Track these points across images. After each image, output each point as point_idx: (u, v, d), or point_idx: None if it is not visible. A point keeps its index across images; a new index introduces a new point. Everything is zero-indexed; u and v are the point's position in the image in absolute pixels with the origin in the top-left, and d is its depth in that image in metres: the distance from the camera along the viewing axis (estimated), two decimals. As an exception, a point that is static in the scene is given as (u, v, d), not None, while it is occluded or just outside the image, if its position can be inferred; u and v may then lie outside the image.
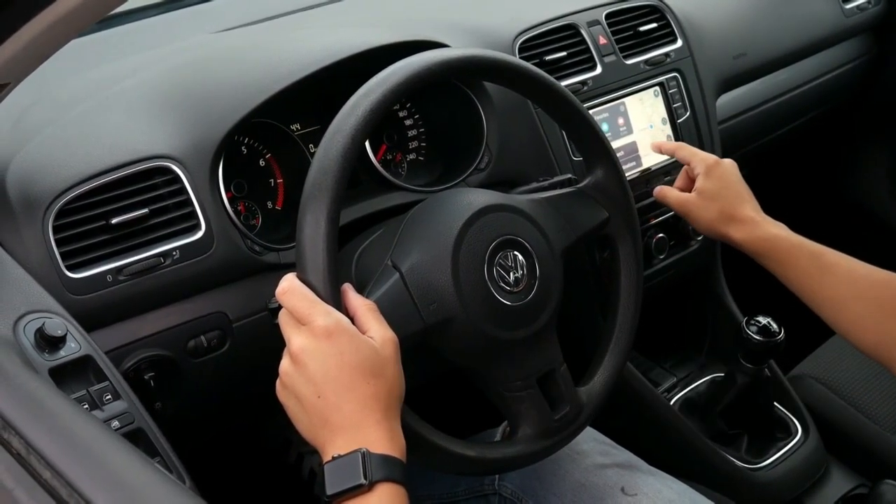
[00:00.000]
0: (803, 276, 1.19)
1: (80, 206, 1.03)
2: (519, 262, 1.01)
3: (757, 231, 1.23)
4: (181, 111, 1.15)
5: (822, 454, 1.57)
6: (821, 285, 1.18)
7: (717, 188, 1.28)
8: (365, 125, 0.92)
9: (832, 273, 1.17)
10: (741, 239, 1.24)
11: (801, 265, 1.19)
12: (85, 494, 0.63)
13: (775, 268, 1.22)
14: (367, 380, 0.83)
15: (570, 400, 1.06)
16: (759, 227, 1.24)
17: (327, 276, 0.87)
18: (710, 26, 1.71)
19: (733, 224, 1.25)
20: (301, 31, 1.46)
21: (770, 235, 1.22)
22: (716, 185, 1.28)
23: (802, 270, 1.19)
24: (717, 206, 1.27)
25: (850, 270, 1.17)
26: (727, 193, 1.28)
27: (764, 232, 1.23)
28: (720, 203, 1.27)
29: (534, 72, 1.08)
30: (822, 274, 1.18)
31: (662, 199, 1.35)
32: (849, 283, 1.16)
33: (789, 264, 1.20)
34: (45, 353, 0.89)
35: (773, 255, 1.22)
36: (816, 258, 1.19)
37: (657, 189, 1.37)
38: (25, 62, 0.85)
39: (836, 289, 1.17)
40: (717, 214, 1.27)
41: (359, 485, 0.78)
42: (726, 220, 1.26)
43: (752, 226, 1.24)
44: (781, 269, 1.21)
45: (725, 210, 1.26)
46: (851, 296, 1.15)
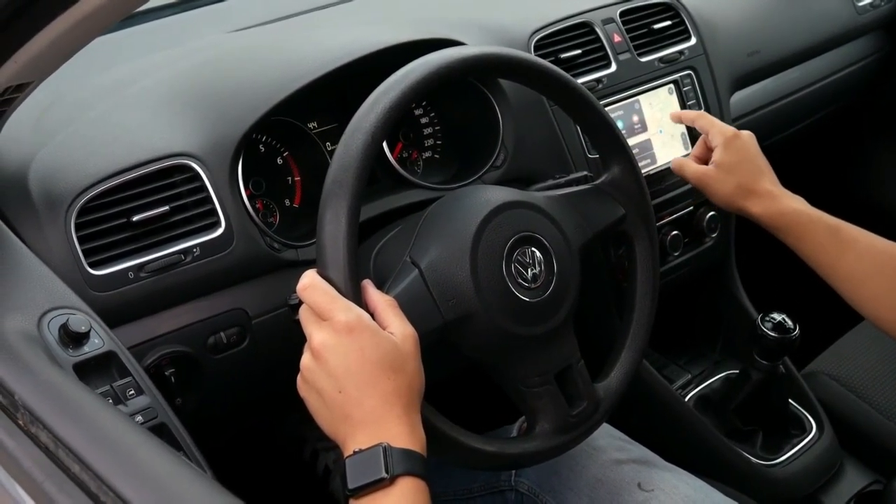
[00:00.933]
0: (821, 250, 1.18)
1: (101, 204, 1.04)
2: (537, 259, 1.01)
3: (775, 205, 1.22)
4: (201, 110, 1.16)
5: (836, 451, 1.57)
6: (839, 260, 1.17)
7: (736, 161, 1.27)
8: (385, 122, 0.92)
9: (851, 248, 1.16)
10: (759, 213, 1.23)
11: (819, 240, 1.18)
12: (115, 487, 0.64)
13: (793, 242, 1.21)
14: (388, 375, 0.84)
15: (587, 396, 1.06)
16: (778, 201, 1.22)
17: (348, 272, 0.88)
18: (723, 24, 1.71)
19: (751, 197, 1.24)
20: (317, 29, 1.46)
21: (788, 209, 1.21)
22: (734, 158, 1.27)
23: (820, 245, 1.18)
24: (735, 180, 1.25)
25: (869, 245, 1.16)
26: (746, 167, 1.26)
27: (782, 206, 1.22)
28: (738, 176, 1.26)
29: (551, 69, 1.08)
30: (840, 249, 1.17)
31: (679, 171, 1.34)
32: (868, 258, 1.15)
33: (807, 238, 1.19)
34: (69, 348, 0.90)
35: (790, 230, 1.21)
36: (835, 233, 1.18)
37: (674, 161, 1.35)
38: (48, 61, 0.86)
39: (854, 264, 1.16)
40: (735, 188, 1.25)
41: (380, 479, 0.79)
42: (744, 193, 1.25)
43: (770, 199, 1.23)
44: (799, 244, 1.20)
45: (743, 183, 1.25)
46: (871, 272, 1.14)
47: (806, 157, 2.27)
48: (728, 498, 1.14)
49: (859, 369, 1.59)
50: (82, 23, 0.78)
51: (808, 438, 1.56)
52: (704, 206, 1.59)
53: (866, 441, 1.55)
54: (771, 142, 1.89)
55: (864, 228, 1.18)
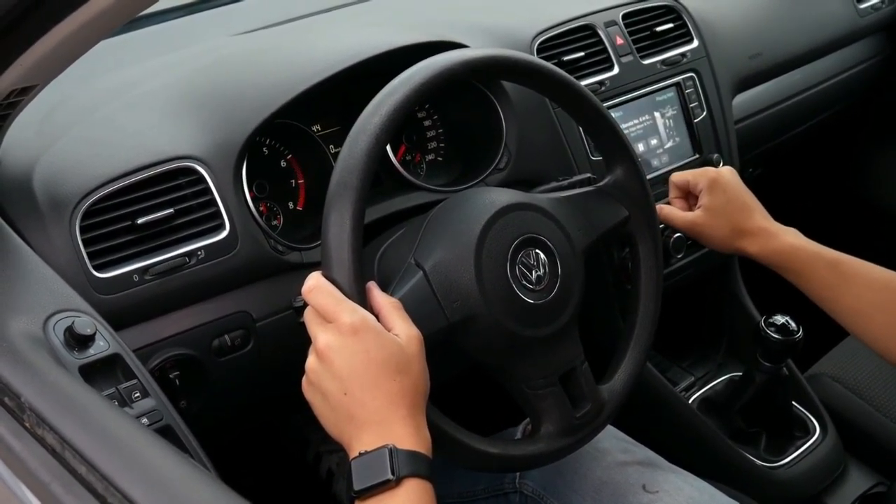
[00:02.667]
0: (823, 287, 1.18)
1: (106, 207, 1.04)
2: (541, 261, 1.01)
3: (772, 242, 1.22)
4: (205, 112, 1.16)
5: (840, 453, 1.57)
6: (842, 296, 1.17)
7: (723, 202, 1.25)
8: (389, 125, 0.92)
9: (852, 282, 1.16)
10: (756, 252, 1.23)
11: (820, 275, 1.18)
12: (121, 488, 0.64)
13: (795, 279, 1.21)
14: (393, 376, 0.84)
15: (591, 398, 1.06)
16: (774, 238, 1.22)
17: (353, 273, 0.88)
18: (725, 26, 1.71)
19: (747, 237, 1.23)
20: (321, 33, 1.46)
21: (786, 246, 1.21)
22: (721, 200, 1.26)
23: (821, 281, 1.18)
24: (727, 222, 1.25)
25: (870, 279, 1.16)
26: (734, 206, 1.25)
27: (779, 243, 1.21)
28: (729, 218, 1.25)
29: (554, 71, 1.08)
30: (842, 284, 1.16)
31: (667, 221, 1.32)
32: (870, 292, 1.15)
33: (808, 275, 1.19)
34: (74, 351, 0.90)
35: (791, 267, 1.20)
36: (835, 267, 1.17)
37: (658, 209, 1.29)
38: (53, 64, 0.86)
39: (857, 299, 1.16)
40: (729, 231, 1.25)
41: (386, 480, 0.79)
42: (738, 234, 1.24)
43: (766, 237, 1.22)
44: (800, 280, 1.20)
45: (736, 224, 1.24)
46: (875, 306, 1.14)
47: (808, 159, 2.27)
48: (732, 500, 1.14)
49: (863, 371, 1.59)
50: (87, 26, 0.78)
51: (811, 440, 1.56)
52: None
53: (870, 443, 1.55)
54: (773, 144, 1.90)
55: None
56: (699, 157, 1.58)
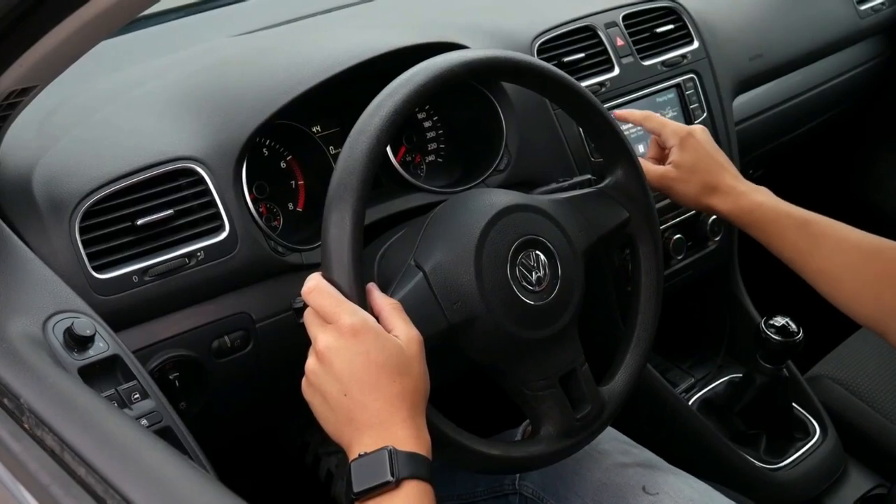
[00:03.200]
0: (792, 247, 1.17)
1: (106, 208, 1.04)
2: (541, 262, 1.01)
3: (741, 200, 1.21)
4: (205, 113, 1.16)
5: (840, 454, 1.57)
6: (811, 256, 1.15)
7: (694, 159, 1.25)
8: (389, 126, 0.92)
9: (822, 243, 1.14)
10: (726, 210, 1.22)
11: (789, 236, 1.17)
12: (121, 490, 0.64)
13: (762, 238, 1.20)
14: (393, 378, 0.84)
15: (591, 399, 1.06)
16: (743, 196, 1.21)
17: (353, 275, 0.88)
18: (726, 28, 1.71)
19: (716, 194, 1.23)
20: (321, 33, 1.46)
21: (755, 205, 1.20)
22: (692, 156, 1.25)
23: (790, 242, 1.17)
24: (698, 178, 1.24)
25: (840, 239, 1.14)
26: (705, 164, 1.25)
27: (748, 201, 1.20)
28: (700, 175, 1.24)
29: (555, 72, 1.08)
30: (811, 245, 1.15)
31: None
32: (840, 253, 1.13)
33: (776, 234, 1.18)
34: (73, 352, 0.90)
35: (758, 226, 1.19)
36: (804, 227, 1.16)
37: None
38: (53, 65, 0.86)
39: (827, 260, 1.14)
40: (700, 187, 1.24)
41: (386, 482, 0.79)
42: (709, 191, 1.24)
43: (736, 195, 1.22)
44: (768, 240, 1.19)
45: (707, 181, 1.24)
46: (845, 269, 1.13)
47: (808, 160, 2.27)
48: (732, 501, 1.14)
49: (863, 373, 1.59)
50: (87, 27, 0.78)
51: (811, 442, 1.56)
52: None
53: (870, 445, 1.55)
54: (773, 145, 1.90)
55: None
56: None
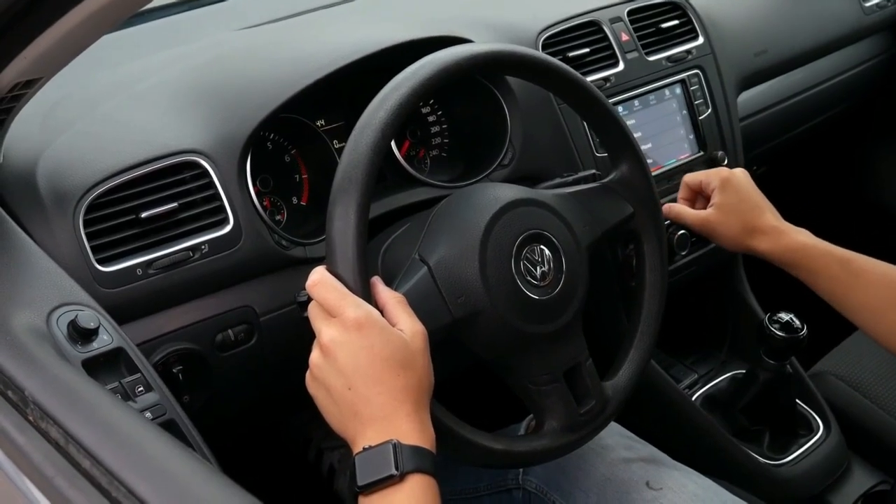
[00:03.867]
0: (835, 284, 1.18)
1: (110, 201, 1.04)
2: (546, 257, 1.01)
3: (783, 240, 1.22)
4: (209, 107, 1.16)
5: (843, 451, 1.56)
6: (852, 292, 1.17)
7: (735, 201, 1.27)
8: (394, 119, 0.92)
9: (864, 280, 1.16)
10: (767, 250, 1.23)
11: (832, 273, 1.18)
12: (125, 482, 0.64)
13: (805, 277, 1.21)
14: (398, 372, 0.83)
15: (595, 394, 1.06)
16: (785, 236, 1.23)
17: (357, 268, 0.88)
18: (731, 23, 1.71)
19: (757, 236, 1.24)
20: (326, 27, 1.46)
21: (797, 244, 1.21)
22: (733, 199, 1.27)
23: (833, 279, 1.18)
24: (739, 220, 1.26)
25: (882, 276, 1.16)
26: (746, 205, 1.26)
27: (790, 241, 1.22)
28: (740, 216, 1.26)
29: (560, 67, 1.08)
30: (853, 281, 1.17)
31: (678, 220, 1.33)
32: (882, 289, 1.15)
33: (819, 273, 1.19)
34: (77, 345, 0.90)
35: (802, 265, 1.21)
36: (846, 265, 1.18)
37: (668, 207, 1.33)
38: (58, 57, 0.86)
39: (869, 297, 1.16)
40: (740, 229, 1.25)
41: (390, 475, 0.78)
42: (749, 232, 1.25)
43: (777, 235, 1.23)
44: (811, 278, 1.20)
45: (747, 222, 1.25)
46: (886, 303, 1.15)
47: (812, 157, 2.27)
48: (735, 497, 1.13)
49: (866, 369, 1.59)
50: (91, 19, 0.78)
51: (815, 438, 1.56)
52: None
53: (874, 441, 1.55)
54: (777, 142, 1.89)
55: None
56: (703, 155, 1.58)
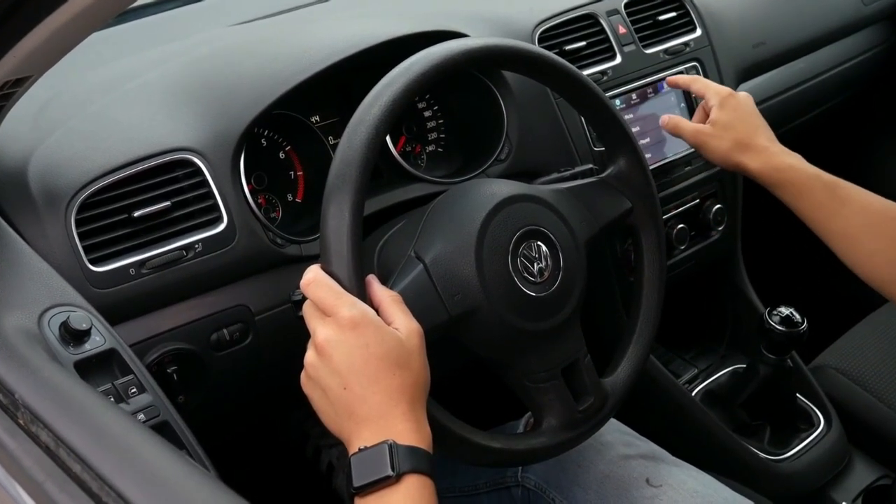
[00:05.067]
0: (817, 207, 1.18)
1: (102, 200, 1.03)
2: (543, 253, 1.00)
3: (772, 160, 1.22)
4: (202, 104, 1.15)
5: (844, 445, 1.56)
6: (835, 217, 1.17)
7: (732, 118, 1.27)
8: (388, 115, 0.91)
9: (847, 205, 1.16)
10: (756, 168, 1.23)
11: (816, 196, 1.18)
12: (116, 487, 0.63)
13: (789, 199, 1.21)
14: (393, 371, 0.83)
15: (594, 391, 1.05)
16: (775, 157, 1.23)
17: (352, 267, 0.87)
18: (728, 15, 1.70)
19: (748, 153, 1.24)
20: (319, 23, 1.45)
21: (785, 165, 1.21)
22: (730, 116, 1.27)
23: (817, 202, 1.18)
24: (732, 136, 1.26)
25: (865, 204, 1.16)
26: (742, 123, 1.27)
27: (779, 161, 1.22)
28: (735, 133, 1.26)
29: (556, 60, 1.07)
30: (836, 206, 1.17)
31: (674, 129, 1.34)
32: (864, 216, 1.15)
33: (803, 195, 1.19)
34: (69, 346, 0.89)
35: (787, 186, 1.21)
36: (832, 189, 1.18)
37: (667, 118, 1.34)
38: (47, 55, 0.85)
39: (850, 221, 1.16)
40: (732, 144, 1.26)
41: (386, 476, 0.78)
42: (741, 149, 1.25)
43: (767, 155, 1.23)
44: (795, 201, 1.20)
45: (740, 139, 1.25)
46: (865, 230, 1.15)
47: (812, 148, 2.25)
48: (736, 493, 1.13)
49: (867, 363, 1.58)
50: (81, 16, 0.77)
51: (816, 433, 1.56)
52: (711, 198, 1.58)
53: (875, 435, 1.54)
54: (777, 133, 1.87)
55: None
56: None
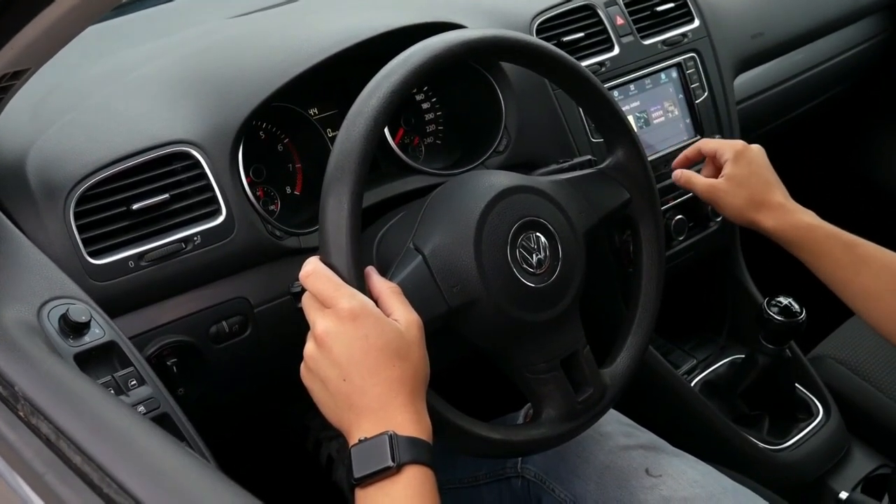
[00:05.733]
0: (837, 267, 1.17)
1: (101, 193, 1.03)
2: (542, 244, 1.00)
3: (788, 218, 1.21)
4: (200, 96, 1.15)
5: (843, 435, 1.56)
6: (855, 277, 1.16)
7: (746, 174, 1.25)
8: (386, 107, 0.91)
9: (868, 265, 1.16)
10: (771, 226, 1.22)
11: (835, 256, 1.17)
12: (117, 478, 0.63)
13: (807, 258, 1.20)
14: (393, 362, 0.83)
15: (593, 382, 1.05)
16: (791, 215, 1.21)
17: (351, 258, 0.87)
18: (726, 6, 1.70)
19: (763, 210, 1.23)
20: (317, 14, 1.45)
21: (802, 224, 1.20)
22: (744, 171, 1.25)
23: (836, 262, 1.17)
24: (746, 192, 1.24)
25: (887, 262, 1.15)
26: (756, 179, 1.25)
27: (796, 220, 1.21)
28: (749, 189, 1.24)
29: (554, 52, 1.07)
30: (856, 266, 1.16)
31: (687, 185, 1.31)
32: (886, 275, 1.14)
33: (822, 255, 1.18)
34: (69, 339, 0.89)
35: (805, 245, 1.20)
36: (850, 249, 1.17)
37: (679, 173, 1.32)
38: (45, 47, 0.85)
39: (870, 281, 1.15)
40: (747, 201, 1.24)
41: (386, 467, 0.78)
42: (756, 206, 1.23)
43: (783, 212, 1.22)
44: (814, 259, 1.20)
45: (755, 196, 1.24)
46: (887, 289, 1.14)
47: (810, 139, 2.26)
48: (735, 483, 1.13)
49: (866, 353, 1.58)
50: (79, 8, 0.77)
51: (815, 422, 1.56)
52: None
53: (873, 424, 1.54)
54: (775, 124, 1.88)
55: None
56: (700, 138, 1.57)
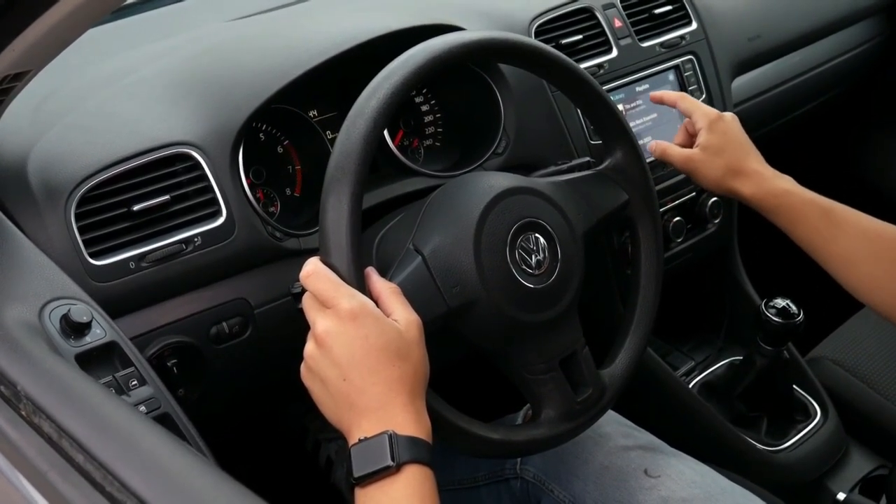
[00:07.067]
0: (814, 232, 1.17)
1: (101, 194, 1.03)
2: (541, 245, 1.00)
3: (765, 185, 1.21)
4: (201, 98, 1.15)
5: (841, 436, 1.57)
6: (832, 243, 1.16)
7: (722, 142, 1.25)
8: (386, 108, 0.91)
9: (843, 230, 1.15)
10: (749, 193, 1.22)
11: (812, 222, 1.17)
12: (119, 476, 0.64)
13: (785, 224, 1.20)
14: (393, 362, 0.83)
15: (592, 382, 1.05)
16: (768, 181, 1.21)
17: (351, 259, 0.87)
18: (724, 8, 1.71)
19: (740, 178, 1.22)
20: (317, 17, 1.45)
21: (779, 190, 1.20)
22: (720, 140, 1.25)
23: (813, 227, 1.17)
24: (723, 161, 1.24)
25: (862, 228, 1.15)
26: (732, 148, 1.25)
27: (773, 186, 1.21)
28: (725, 158, 1.24)
29: (553, 54, 1.07)
30: (833, 231, 1.16)
31: (662, 156, 1.30)
32: (861, 240, 1.14)
33: (799, 221, 1.18)
34: (70, 339, 0.89)
35: (782, 211, 1.20)
36: (827, 214, 1.17)
37: (655, 145, 1.31)
38: (47, 49, 0.85)
39: (847, 246, 1.15)
40: (724, 169, 1.24)
41: (386, 466, 0.78)
42: (733, 174, 1.23)
43: (760, 179, 1.22)
44: (791, 226, 1.19)
45: (732, 164, 1.23)
46: (864, 254, 1.14)
47: (807, 141, 2.26)
48: (734, 484, 1.13)
49: (863, 354, 1.59)
50: (80, 10, 0.77)
51: (812, 424, 1.56)
52: (707, 191, 1.58)
53: (871, 426, 1.55)
54: (772, 127, 1.89)
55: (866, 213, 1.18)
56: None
